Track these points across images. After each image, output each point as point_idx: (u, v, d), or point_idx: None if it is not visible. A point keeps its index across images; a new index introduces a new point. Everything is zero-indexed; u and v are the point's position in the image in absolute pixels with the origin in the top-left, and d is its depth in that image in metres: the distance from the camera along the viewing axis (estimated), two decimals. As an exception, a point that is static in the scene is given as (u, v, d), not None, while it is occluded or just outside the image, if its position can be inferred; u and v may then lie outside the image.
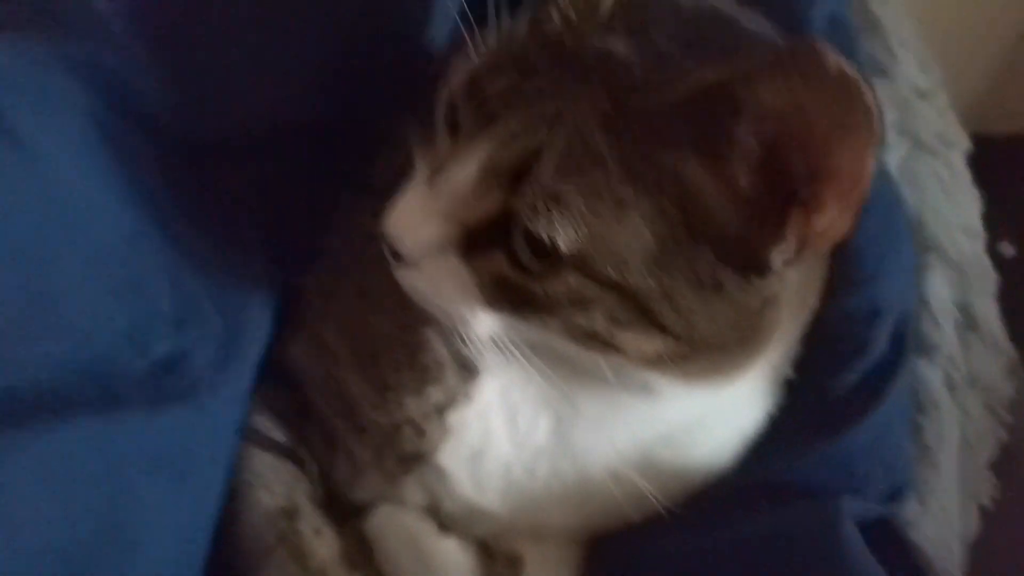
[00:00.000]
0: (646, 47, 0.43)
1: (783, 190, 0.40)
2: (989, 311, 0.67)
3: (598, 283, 0.42)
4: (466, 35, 0.47)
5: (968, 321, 0.66)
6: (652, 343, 0.44)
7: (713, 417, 0.54)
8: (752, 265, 0.42)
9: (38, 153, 0.48)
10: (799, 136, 0.38)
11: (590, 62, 0.43)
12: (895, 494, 0.57)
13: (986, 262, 0.68)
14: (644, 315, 0.43)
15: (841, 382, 0.57)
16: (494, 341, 0.46)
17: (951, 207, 0.68)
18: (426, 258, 0.45)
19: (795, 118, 0.38)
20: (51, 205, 0.48)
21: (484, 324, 0.46)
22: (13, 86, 0.48)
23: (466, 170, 0.43)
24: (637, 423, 0.53)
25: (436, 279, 0.45)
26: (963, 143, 0.72)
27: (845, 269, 0.60)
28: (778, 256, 0.42)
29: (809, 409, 0.57)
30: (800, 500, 0.54)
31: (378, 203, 0.56)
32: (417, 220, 0.44)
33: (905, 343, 0.60)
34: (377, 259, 0.48)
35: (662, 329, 0.43)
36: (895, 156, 0.69)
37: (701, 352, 0.45)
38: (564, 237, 0.41)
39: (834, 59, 0.35)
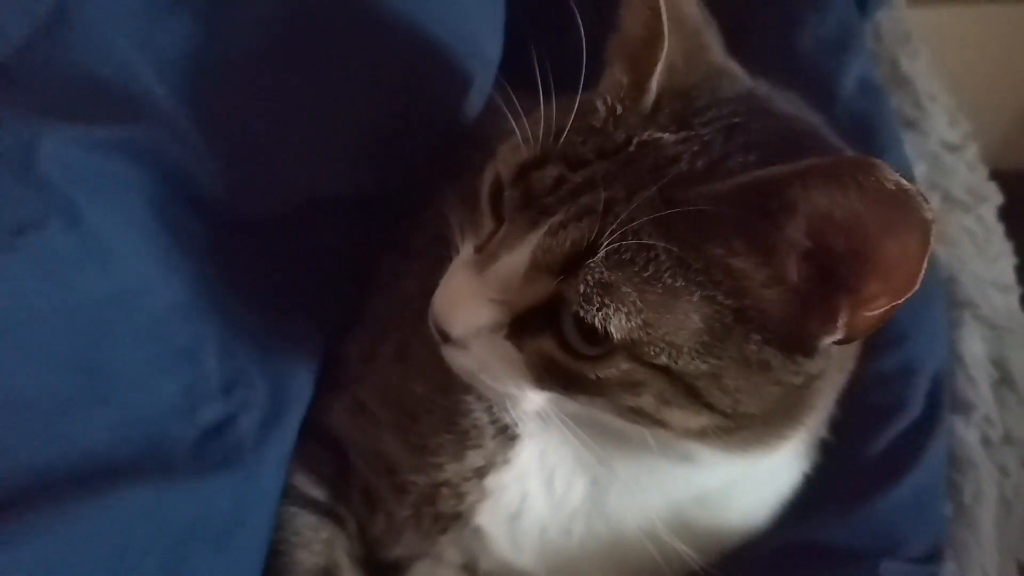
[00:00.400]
0: (691, 139, 0.44)
1: (833, 282, 0.41)
2: (1024, 366, 0.67)
3: (649, 368, 0.43)
4: (505, 109, 0.48)
5: (1004, 377, 0.65)
6: (699, 420, 0.45)
7: (749, 480, 0.54)
8: (799, 347, 0.43)
9: (97, 233, 0.50)
10: (853, 237, 0.39)
11: (637, 154, 0.44)
12: (933, 555, 0.57)
13: (1020, 317, 0.68)
14: (691, 395, 0.43)
15: (878, 443, 0.58)
16: (540, 415, 0.47)
17: (983, 262, 0.68)
18: (475, 340, 0.45)
19: (850, 223, 0.38)
20: (106, 281, 0.50)
21: (532, 402, 0.47)
22: (77, 172, 0.50)
23: (517, 258, 0.44)
24: (672, 486, 0.54)
25: (484, 360, 0.46)
26: (994, 197, 0.73)
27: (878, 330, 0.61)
28: (826, 340, 0.42)
29: (847, 470, 0.57)
30: (838, 562, 0.54)
31: (418, 265, 0.57)
32: (467, 304, 0.45)
33: (941, 401, 0.60)
34: (417, 323, 0.49)
35: (709, 407, 0.44)
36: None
37: (745, 427, 0.46)
38: (616, 324, 0.41)
39: (892, 175, 0.35)
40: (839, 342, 0.42)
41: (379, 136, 0.62)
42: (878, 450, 0.57)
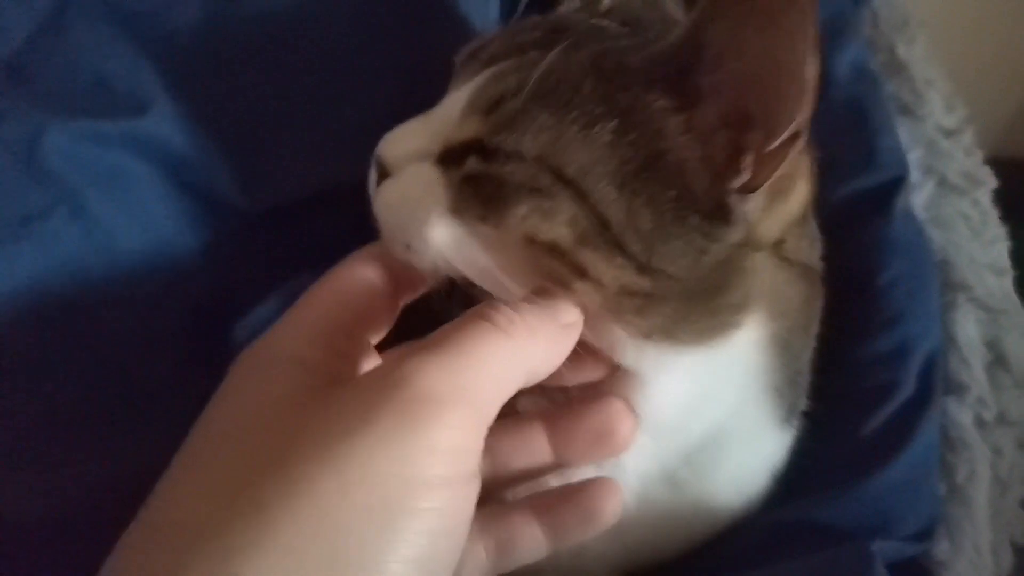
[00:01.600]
0: (637, 33, 0.50)
1: (740, 125, 0.43)
2: (1019, 348, 0.67)
3: (560, 182, 0.44)
4: None
5: (997, 358, 0.66)
6: (615, 269, 0.44)
7: (729, 438, 0.53)
8: (714, 209, 0.45)
9: (102, 224, 0.51)
10: (750, 47, 0.41)
11: (583, 32, 0.48)
12: (926, 533, 0.57)
13: (1015, 299, 0.69)
14: (605, 229, 0.44)
15: (871, 423, 0.58)
16: (448, 260, 0.47)
17: (978, 246, 0.69)
18: (405, 168, 0.48)
19: (746, 30, 0.41)
20: (110, 270, 0.51)
21: (440, 234, 0.46)
22: (82, 164, 0.51)
23: (457, 97, 0.48)
24: None
25: (408, 187, 0.48)
26: (990, 181, 0.73)
27: (872, 311, 0.62)
28: (735, 184, 0.44)
29: (839, 450, 0.58)
30: (831, 541, 0.55)
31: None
32: (406, 134, 0.49)
33: (934, 383, 0.61)
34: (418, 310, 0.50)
35: (622, 251, 0.44)
36: (921, 196, 0.70)
37: (667, 296, 0.45)
38: (527, 143, 0.44)
39: None
40: (744, 188, 0.44)
41: (384, 128, 0.62)
42: (871, 430, 0.58)
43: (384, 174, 0.49)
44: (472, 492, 0.37)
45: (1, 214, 0.49)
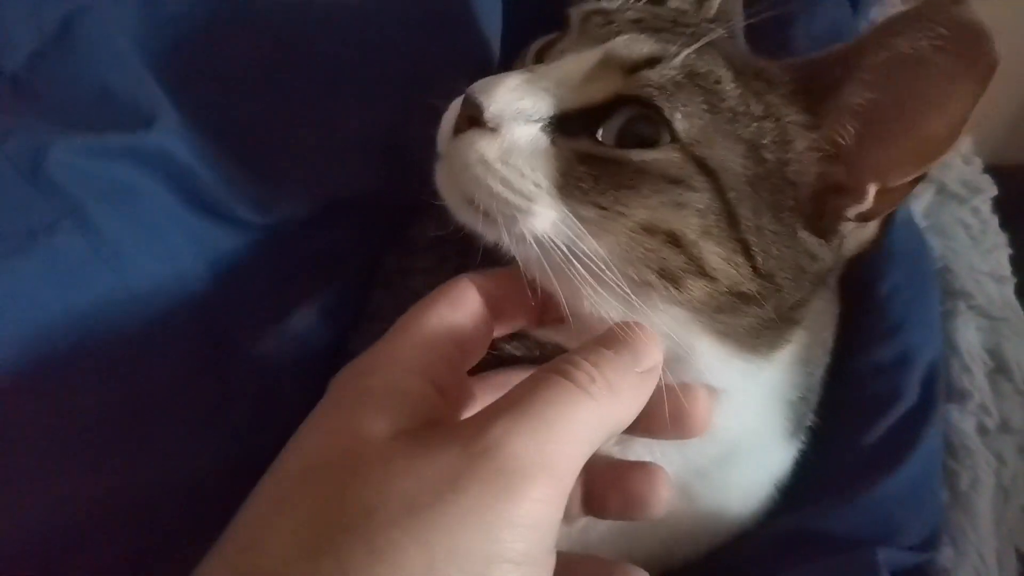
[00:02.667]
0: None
1: (873, 145, 0.44)
2: (1020, 355, 0.67)
3: (698, 167, 0.43)
4: None
5: (999, 366, 0.66)
6: (730, 266, 0.44)
7: (743, 453, 0.54)
8: (821, 227, 0.46)
9: (107, 238, 0.51)
10: (915, 79, 0.42)
11: (703, 31, 0.47)
12: (930, 542, 0.58)
13: (1016, 306, 0.69)
14: (732, 223, 0.44)
15: (874, 432, 0.59)
16: (543, 242, 0.43)
17: (978, 253, 0.69)
18: (508, 124, 0.43)
19: (917, 60, 0.42)
20: (117, 284, 0.52)
21: (541, 218, 0.43)
22: (87, 178, 0.51)
23: (585, 57, 0.45)
24: None
25: (509, 150, 0.43)
26: (989, 189, 0.73)
27: (873, 320, 0.62)
28: (851, 213, 0.46)
29: (843, 459, 0.58)
30: (835, 550, 0.55)
31: (423, 263, 0.58)
32: (515, 84, 0.44)
33: (936, 390, 0.61)
34: None
35: (744, 247, 0.44)
36: (920, 203, 0.70)
37: (762, 301, 0.45)
38: (679, 121, 0.43)
39: (974, 12, 0.39)
40: (860, 217, 0.46)
41: (389, 138, 0.63)
42: (874, 439, 0.58)
43: (474, 123, 0.44)
44: (549, 567, 0.36)
45: (7, 228, 0.49)
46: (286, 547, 0.33)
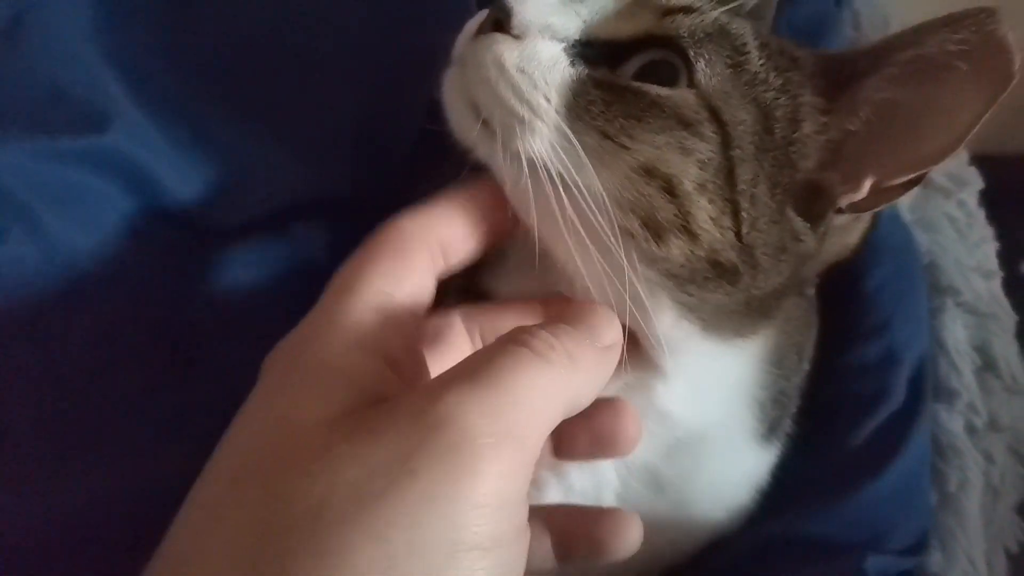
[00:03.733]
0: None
1: (881, 138, 0.45)
2: (1008, 352, 0.66)
3: (709, 113, 0.43)
4: None
5: (987, 363, 0.65)
6: (719, 227, 0.43)
7: (709, 444, 0.53)
8: (810, 209, 0.46)
9: (60, 245, 0.49)
10: (936, 81, 0.42)
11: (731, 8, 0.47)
12: (918, 545, 0.56)
13: (1004, 302, 0.68)
14: (729, 181, 0.43)
15: (861, 433, 0.57)
16: (537, 165, 0.41)
17: (965, 248, 0.68)
18: (533, 36, 0.42)
19: (943, 64, 0.42)
20: (70, 290, 0.49)
21: (549, 131, 0.41)
22: (39, 183, 0.49)
23: None
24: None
25: (527, 60, 0.42)
26: (975, 182, 0.72)
27: (859, 317, 0.60)
28: (843, 201, 0.46)
29: (829, 461, 0.57)
30: (823, 555, 0.54)
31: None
32: (548, 2, 0.44)
33: (923, 389, 0.60)
34: None
35: (734, 209, 0.43)
36: (906, 198, 0.69)
37: (735, 277, 0.45)
38: (702, 70, 0.43)
39: (1005, 27, 0.40)
40: (852, 208, 0.46)
41: (353, 142, 0.61)
42: (861, 440, 0.57)
43: (499, 27, 0.43)
44: (523, 548, 0.33)
45: None
46: (221, 560, 0.29)
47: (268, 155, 0.59)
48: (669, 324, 0.46)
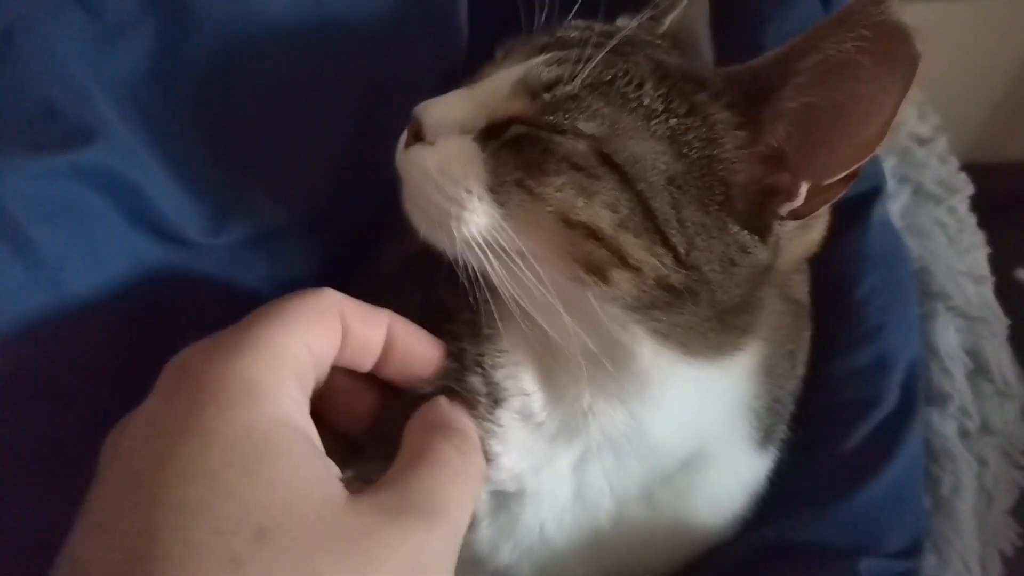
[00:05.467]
0: (685, 57, 0.54)
1: (806, 143, 0.45)
2: (1000, 356, 0.67)
3: (607, 165, 0.45)
4: None
5: (979, 367, 0.65)
6: (653, 257, 0.45)
7: (708, 460, 0.53)
8: (754, 223, 0.47)
9: (46, 260, 0.49)
10: (845, 78, 0.42)
11: (636, 41, 0.51)
12: (912, 549, 0.57)
13: (995, 306, 0.68)
14: (648, 217, 0.45)
15: (853, 438, 0.57)
16: (481, 245, 0.46)
17: (956, 253, 0.68)
18: (445, 137, 0.48)
19: (846, 61, 0.42)
20: (54, 308, 0.50)
21: (478, 216, 0.46)
22: (26, 199, 0.49)
23: (510, 74, 0.49)
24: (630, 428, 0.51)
25: (445, 159, 0.47)
26: (966, 188, 0.73)
27: (851, 323, 0.61)
28: (783, 210, 0.46)
29: (822, 467, 0.57)
30: (816, 561, 0.54)
31: (387, 297, 0.56)
32: (450, 100, 0.50)
33: (916, 394, 0.60)
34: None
35: (664, 240, 0.45)
36: (897, 204, 0.70)
37: (692, 296, 0.46)
38: (581, 124, 0.46)
39: (899, 10, 0.40)
40: (792, 215, 0.47)
41: (344, 158, 0.61)
42: (853, 445, 0.57)
43: (419, 137, 0.49)
44: None
45: None
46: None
47: (253, 176, 0.59)
48: (650, 354, 0.47)
